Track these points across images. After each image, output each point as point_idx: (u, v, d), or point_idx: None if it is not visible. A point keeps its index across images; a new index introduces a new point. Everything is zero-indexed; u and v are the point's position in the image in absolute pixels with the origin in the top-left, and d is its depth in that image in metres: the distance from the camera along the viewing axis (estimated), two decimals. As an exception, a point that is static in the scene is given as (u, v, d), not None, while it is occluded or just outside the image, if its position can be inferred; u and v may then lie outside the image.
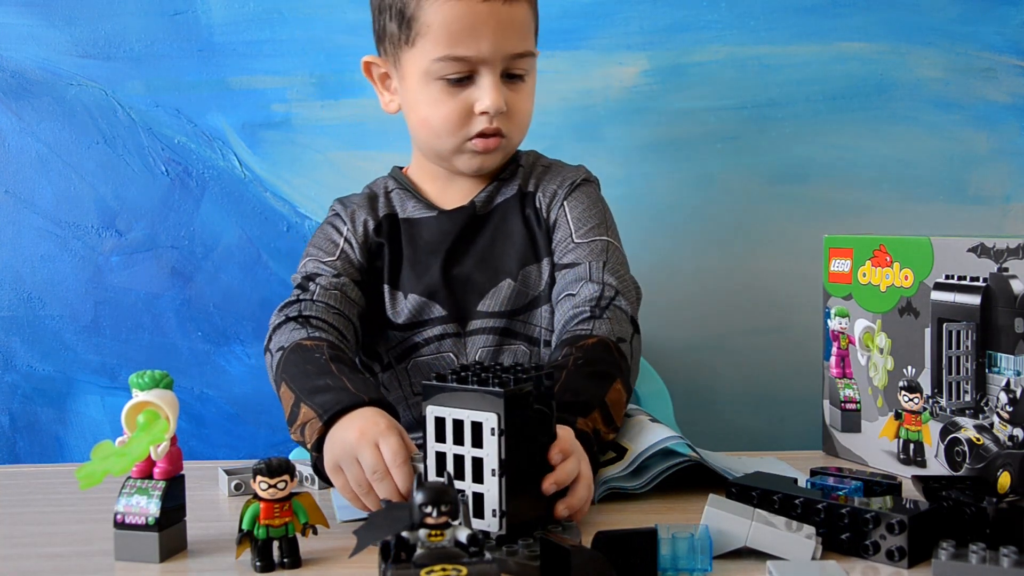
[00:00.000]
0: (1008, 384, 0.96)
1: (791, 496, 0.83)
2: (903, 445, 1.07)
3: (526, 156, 1.30)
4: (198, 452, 1.57)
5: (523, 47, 1.16)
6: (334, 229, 1.26)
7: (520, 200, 1.24)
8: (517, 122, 1.20)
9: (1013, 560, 0.72)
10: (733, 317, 1.60)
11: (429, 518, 0.66)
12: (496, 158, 1.22)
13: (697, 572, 0.74)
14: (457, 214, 1.24)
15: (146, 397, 0.79)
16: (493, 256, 1.23)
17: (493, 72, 1.15)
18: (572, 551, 0.69)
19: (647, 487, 0.96)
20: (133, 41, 1.57)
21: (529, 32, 1.19)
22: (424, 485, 0.67)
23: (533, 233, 1.23)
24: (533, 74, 1.21)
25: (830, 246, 1.17)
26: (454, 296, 1.21)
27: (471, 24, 1.12)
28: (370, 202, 1.27)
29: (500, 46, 1.14)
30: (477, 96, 1.15)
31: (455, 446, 0.79)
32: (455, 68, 1.14)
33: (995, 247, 0.97)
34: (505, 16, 1.13)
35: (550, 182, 1.25)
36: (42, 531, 0.89)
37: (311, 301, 1.16)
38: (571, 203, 1.23)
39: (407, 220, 1.25)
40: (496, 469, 0.77)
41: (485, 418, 0.77)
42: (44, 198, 1.58)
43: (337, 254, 1.23)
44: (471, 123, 1.17)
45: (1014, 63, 1.58)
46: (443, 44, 1.14)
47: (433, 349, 1.22)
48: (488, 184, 1.25)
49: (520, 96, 1.19)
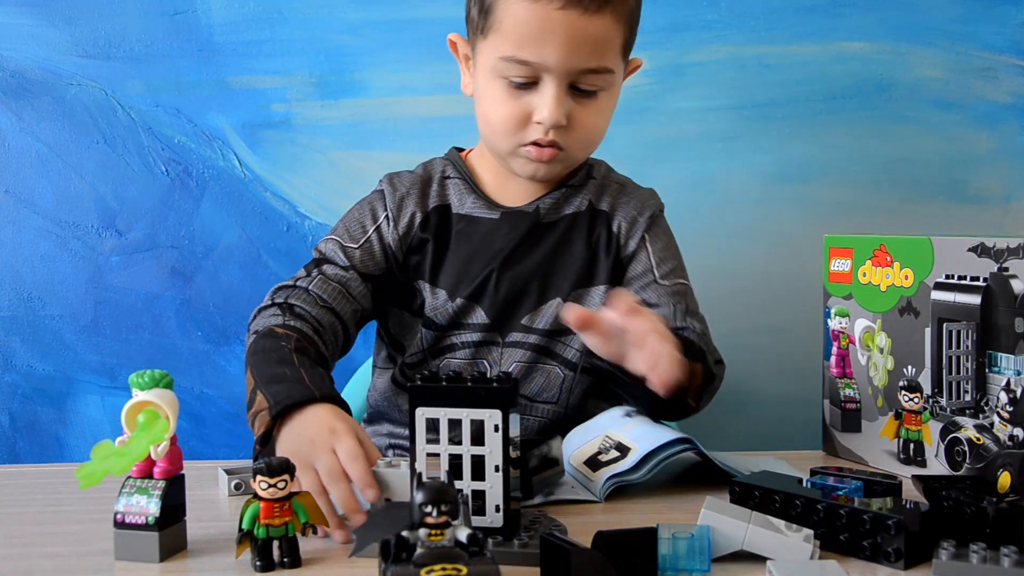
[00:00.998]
0: (1008, 384, 0.96)
1: (791, 496, 0.83)
2: (903, 445, 1.07)
3: (598, 168, 1.25)
4: (198, 452, 1.57)
5: (595, 63, 1.09)
6: (371, 213, 1.20)
7: (591, 217, 1.20)
8: (579, 138, 1.13)
9: (1013, 560, 0.72)
10: (733, 317, 1.60)
11: (429, 518, 0.66)
12: (553, 169, 1.16)
13: (696, 572, 0.74)
14: (520, 219, 1.18)
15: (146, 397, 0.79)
16: (550, 271, 1.18)
17: (557, 83, 1.08)
18: (572, 551, 0.69)
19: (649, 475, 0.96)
20: (133, 41, 1.57)
21: (607, 48, 1.10)
22: (424, 484, 0.67)
23: (596, 255, 1.19)
24: (612, 92, 1.14)
25: (830, 246, 1.17)
26: (501, 305, 1.17)
27: (540, 29, 1.06)
28: (423, 188, 1.20)
29: (567, 58, 1.07)
30: (537, 104, 1.10)
31: (452, 446, 0.80)
32: (518, 71, 1.09)
33: (995, 247, 0.97)
34: (579, 28, 1.06)
35: (628, 206, 1.21)
36: (42, 531, 0.89)
37: (304, 290, 1.13)
38: (652, 236, 1.20)
39: (464, 217, 1.19)
40: (500, 465, 0.78)
41: (488, 415, 0.78)
42: (44, 198, 1.58)
43: (361, 242, 1.18)
44: (527, 129, 1.12)
45: (1014, 63, 1.58)
46: (511, 44, 1.08)
47: (468, 354, 1.17)
48: (555, 188, 1.20)
49: (585, 111, 1.12)
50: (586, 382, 1.18)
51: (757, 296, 1.60)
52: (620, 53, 1.13)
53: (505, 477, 0.79)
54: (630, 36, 1.15)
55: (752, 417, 1.61)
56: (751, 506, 0.84)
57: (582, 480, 0.99)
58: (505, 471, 0.79)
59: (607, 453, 1.01)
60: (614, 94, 1.15)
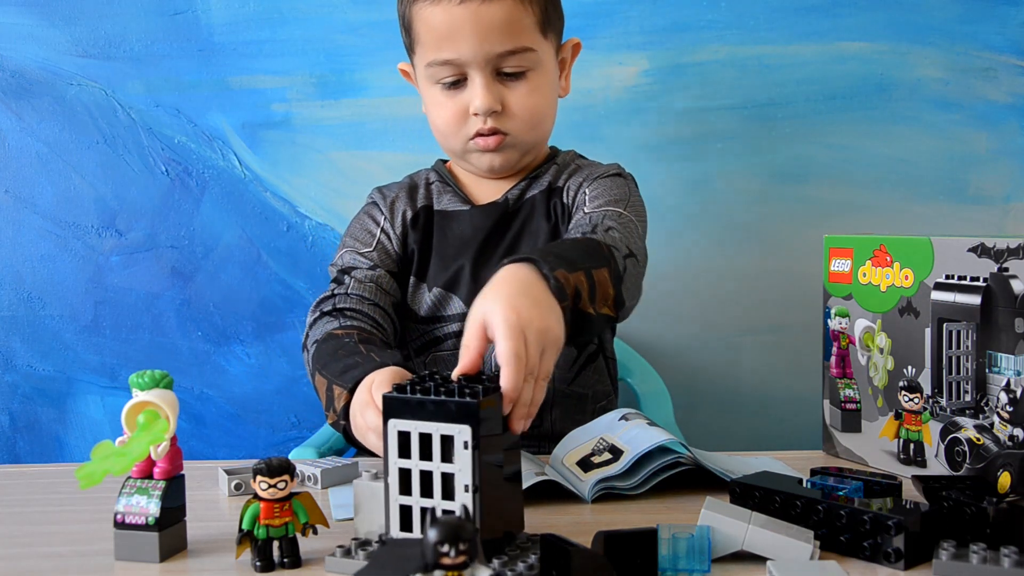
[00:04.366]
0: (1008, 384, 0.96)
1: (792, 497, 0.83)
2: (903, 445, 1.07)
3: (564, 155, 1.30)
4: (198, 452, 1.57)
5: (510, 44, 1.15)
6: (371, 219, 1.27)
7: (548, 195, 1.25)
8: (520, 119, 1.18)
9: (1014, 560, 0.72)
10: (733, 317, 1.60)
11: (446, 558, 0.58)
12: (509, 156, 1.21)
13: (697, 573, 0.74)
14: (490, 209, 1.25)
15: (146, 397, 0.79)
16: (517, 251, 1.19)
17: (481, 72, 1.15)
18: (573, 552, 0.69)
19: (642, 488, 0.96)
20: (133, 41, 1.57)
21: (519, 29, 1.15)
22: (438, 521, 0.59)
23: (558, 230, 1.23)
24: (542, 70, 1.19)
25: (830, 246, 1.17)
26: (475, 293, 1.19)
27: (449, 28, 1.13)
28: (410, 192, 1.28)
29: (480, 47, 1.13)
30: (469, 97, 1.16)
31: (422, 462, 0.74)
32: (444, 72, 1.16)
33: (995, 247, 0.97)
34: (484, 16, 1.12)
35: (578, 175, 1.25)
36: (42, 531, 0.89)
37: (345, 295, 1.17)
38: (591, 186, 1.22)
39: (441, 212, 1.26)
40: (469, 485, 0.72)
41: (457, 431, 0.72)
42: (44, 198, 1.58)
43: (374, 244, 1.24)
44: (468, 124, 1.18)
45: (1014, 63, 1.58)
46: (430, 49, 1.16)
47: (452, 344, 1.22)
48: (522, 179, 1.26)
49: (517, 93, 1.17)
50: (570, 354, 1.22)
51: (757, 296, 1.60)
52: (538, 30, 1.17)
53: (475, 498, 0.72)
54: (546, 14, 1.18)
55: (752, 417, 1.61)
56: (751, 506, 0.84)
57: (572, 480, 0.99)
58: (475, 491, 0.72)
59: (600, 455, 1.01)
60: (545, 72, 1.19)
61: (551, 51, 1.21)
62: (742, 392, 1.60)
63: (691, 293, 1.60)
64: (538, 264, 0.88)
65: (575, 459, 1.02)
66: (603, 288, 0.96)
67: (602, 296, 0.96)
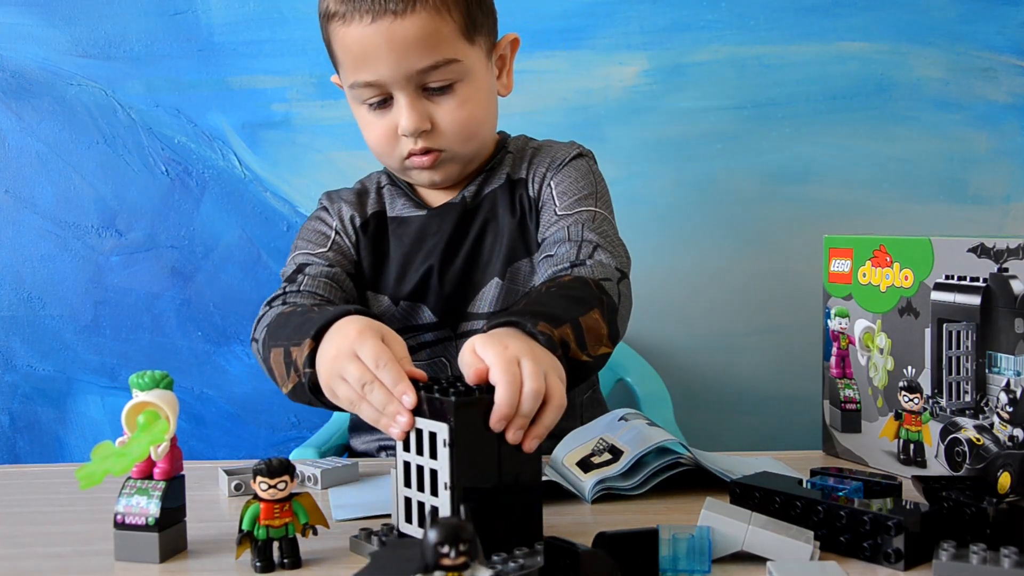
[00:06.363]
0: (1008, 384, 0.96)
1: (792, 497, 0.83)
2: (903, 445, 1.07)
3: (515, 141, 1.23)
4: (198, 452, 1.57)
5: (430, 59, 1.07)
6: (322, 222, 1.21)
7: (509, 188, 1.18)
8: (452, 134, 1.11)
9: (1014, 561, 0.72)
10: (733, 317, 1.60)
11: (446, 559, 0.58)
12: (448, 170, 1.15)
13: (697, 573, 0.74)
14: (447, 211, 1.18)
15: (146, 397, 0.79)
16: (481, 253, 1.17)
17: (404, 92, 1.08)
18: (582, 553, 0.69)
19: (642, 488, 0.96)
20: (133, 41, 1.57)
21: (437, 41, 1.07)
22: (438, 522, 0.58)
23: (524, 223, 1.17)
24: (472, 77, 1.11)
25: (830, 246, 1.17)
26: (443, 299, 1.16)
27: (363, 48, 1.06)
28: (359, 198, 1.22)
29: (398, 65, 1.06)
30: (396, 118, 1.10)
31: (417, 456, 0.76)
32: (367, 94, 1.10)
33: (995, 247, 0.97)
34: (398, 33, 1.05)
35: (539, 163, 1.19)
36: (42, 531, 0.89)
37: (297, 291, 1.11)
38: (557, 178, 1.16)
39: (396, 219, 1.20)
40: (448, 483, 0.73)
41: (438, 428, 0.74)
42: (44, 198, 1.58)
43: (329, 245, 1.18)
44: (400, 144, 1.12)
45: (1014, 63, 1.58)
46: (350, 71, 1.10)
47: (426, 355, 1.17)
48: (476, 176, 1.19)
49: (446, 108, 1.10)
50: None
51: (757, 296, 1.60)
52: (461, 38, 1.09)
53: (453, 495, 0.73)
54: (469, 18, 1.10)
55: (752, 417, 1.61)
56: (751, 507, 0.84)
57: (573, 480, 0.99)
58: (452, 489, 0.73)
59: (600, 455, 1.01)
60: (475, 80, 1.11)
61: (481, 55, 1.13)
62: (742, 392, 1.60)
63: (691, 293, 1.60)
64: (520, 325, 0.84)
65: (575, 459, 1.02)
66: (595, 332, 0.93)
67: (595, 339, 0.93)
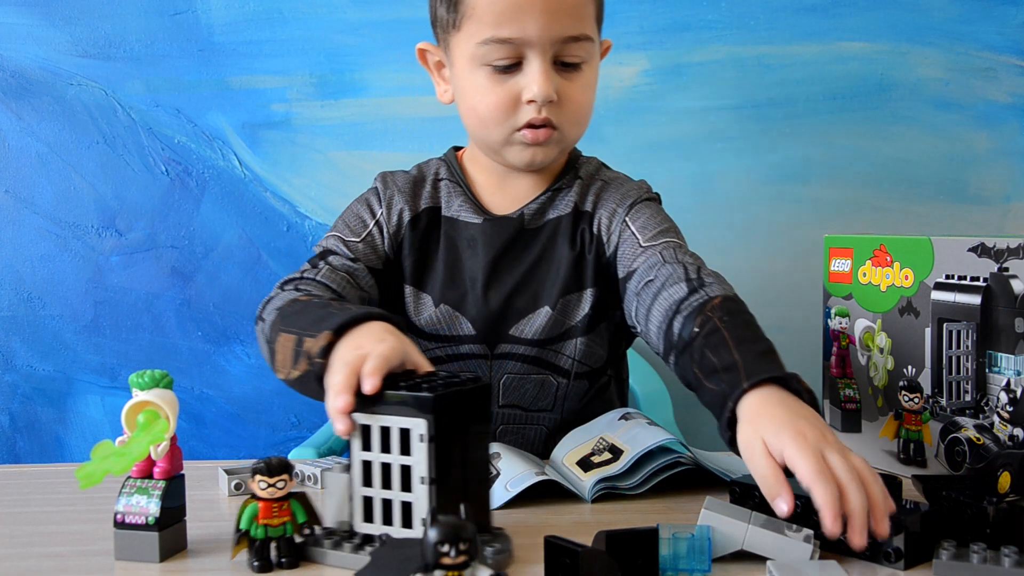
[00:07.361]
0: (1008, 384, 0.96)
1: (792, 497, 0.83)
2: (903, 445, 1.07)
3: (587, 165, 1.20)
4: (198, 452, 1.57)
5: (577, 30, 1.06)
6: (367, 208, 1.17)
7: (574, 219, 1.15)
8: (571, 114, 1.10)
9: (1014, 560, 0.72)
10: (733, 317, 1.60)
11: (446, 558, 0.59)
12: (550, 152, 1.12)
13: (697, 573, 0.74)
14: (504, 225, 1.15)
15: (146, 397, 0.79)
16: (535, 280, 1.14)
17: (542, 57, 1.06)
18: (583, 552, 0.69)
19: (641, 488, 0.96)
20: (133, 41, 1.57)
21: (585, 15, 1.08)
22: (439, 521, 0.59)
23: (583, 258, 1.14)
24: (593, 64, 1.11)
25: (830, 246, 1.17)
26: (487, 316, 1.13)
27: (515, 4, 1.04)
28: (414, 188, 1.18)
29: (548, 28, 1.04)
30: (525, 83, 1.07)
31: (382, 454, 0.77)
32: (501, 52, 1.06)
33: (995, 247, 0.97)
34: None
35: (609, 200, 1.16)
36: (42, 531, 0.89)
37: (312, 280, 1.09)
38: (633, 216, 1.14)
39: (450, 219, 1.16)
40: (425, 477, 0.74)
41: (414, 424, 0.75)
42: (44, 198, 1.58)
43: (363, 235, 1.15)
44: (519, 112, 1.08)
45: (1014, 63, 1.58)
46: (488, 26, 1.05)
47: (456, 368, 1.15)
48: (542, 193, 1.16)
49: (574, 86, 1.09)
50: (582, 387, 1.16)
51: (757, 296, 1.59)
52: (595, 22, 1.11)
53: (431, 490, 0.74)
54: (600, 8, 1.13)
55: (752, 417, 1.60)
56: (751, 506, 0.84)
57: (573, 479, 0.99)
58: (431, 483, 0.74)
59: (600, 455, 1.01)
60: (595, 68, 1.12)
61: (598, 47, 1.14)
62: (742, 392, 1.60)
63: (691, 293, 1.59)
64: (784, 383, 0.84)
65: (575, 459, 1.02)
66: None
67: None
